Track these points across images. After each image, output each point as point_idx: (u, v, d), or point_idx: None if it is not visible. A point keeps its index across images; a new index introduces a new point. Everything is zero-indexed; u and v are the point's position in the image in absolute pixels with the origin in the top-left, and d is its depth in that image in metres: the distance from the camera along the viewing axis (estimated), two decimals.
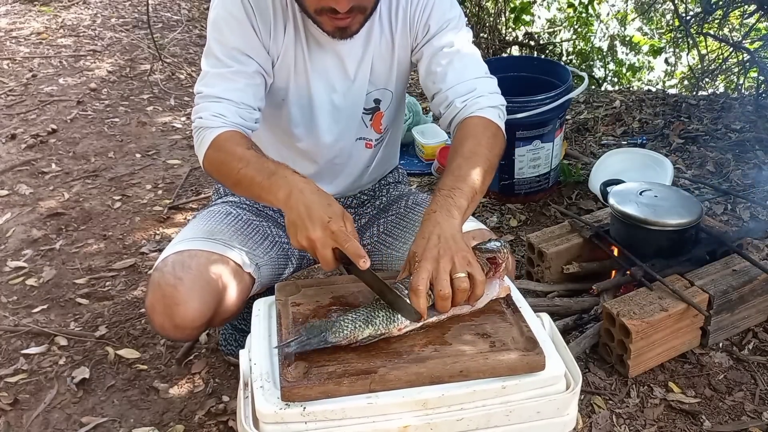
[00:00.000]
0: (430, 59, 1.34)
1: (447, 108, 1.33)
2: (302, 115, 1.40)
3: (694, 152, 2.70)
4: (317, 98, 1.38)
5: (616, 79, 5.81)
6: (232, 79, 1.26)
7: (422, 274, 1.02)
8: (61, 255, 2.22)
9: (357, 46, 1.34)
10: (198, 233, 1.34)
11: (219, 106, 1.25)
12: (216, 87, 1.26)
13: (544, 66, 2.60)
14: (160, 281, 1.22)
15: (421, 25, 1.34)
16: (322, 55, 1.33)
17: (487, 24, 5.10)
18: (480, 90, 1.32)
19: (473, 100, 1.31)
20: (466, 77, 1.32)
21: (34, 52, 4.22)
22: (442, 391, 0.94)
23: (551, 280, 1.91)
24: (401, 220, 1.51)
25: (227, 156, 1.22)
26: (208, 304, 1.23)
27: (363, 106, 1.43)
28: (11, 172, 2.77)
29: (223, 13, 1.26)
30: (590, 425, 1.49)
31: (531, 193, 2.42)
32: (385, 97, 1.45)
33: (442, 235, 1.07)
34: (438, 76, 1.33)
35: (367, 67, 1.37)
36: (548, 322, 1.10)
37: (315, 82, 1.36)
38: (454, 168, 1.20)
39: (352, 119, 1.44)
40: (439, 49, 1.33)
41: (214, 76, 1.27)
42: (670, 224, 1.73)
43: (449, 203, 1.13)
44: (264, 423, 0.92)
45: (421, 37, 1.35)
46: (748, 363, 1.64)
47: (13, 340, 1.83)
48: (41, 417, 1.58)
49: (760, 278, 1.68)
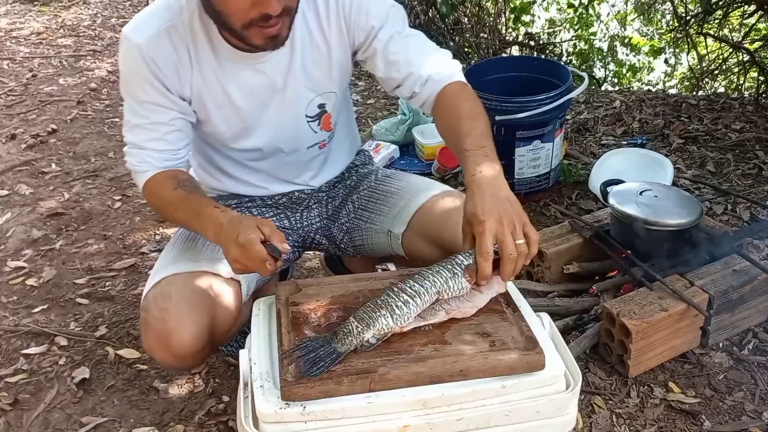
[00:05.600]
0: (384, 52, 1.35)
1: (423, 85, 1.34)
2: (245, 141, 1.41)
3: (694, 152, 2.70)
4: (253, 121, 1.38)
5: (616, 79, 5.81)
6: (151, 129, 1.29)
7: (489, 239, 1.03)
8: (61, 255, 2.22)
9: (281, 58, 1.32)
10: (167, 260, 1.34)
11: (143, 153, 1.31)
12: (138, 136, 1.31)
13: (544, 66, 2.59)
14: (148, 319, 1.23)
15: (361, 25, 1.34)
16: (244, 76, 1.32)
17: (487, 24, 5.10)
18: (443, 61, 1.37)
19: (443, 71, 1.35)
20: (426, 54, 1.36)
21: (34, 52, 4.22)
22: (441, 391, 0.94)
23: (551, 280, 1.91)
24: (374, 192, 1.54)
25: (158, 201, 1.31)
26: (200, 325, 1.23)
27: (304, 113, 1.42)
28: (11, 172, 2.77)
29: (128, 73, 1.29)
30: (590, 425, 1.49)
31: (531, 193, 2.42)
32: (330, 99, 1.45)
33: (496, 195, 1.09)
34: (401, 63, 1.34)
35: (297, 75, 1.36)
36: (548, 322, 1.10)
37: (244, 103, 1.35)
38: (469, 129, 1.22)
39: (295, 128, 1.43)
40: (389, 39, 1.34)
41: (135, 126, 1.31)
42: (670, 224, 1.73)
43: (487, 161, 1.15)
44: (264, 423, 0.92)
45: (364, 36, 1.35)
46: (748, 363, 1.64)
47: (13, 340, 1.83)
48: (41, 417, 1.58)
49: (760, 278, 1.68)
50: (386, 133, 2.89)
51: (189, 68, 1.28)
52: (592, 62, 5.76)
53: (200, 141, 1.47)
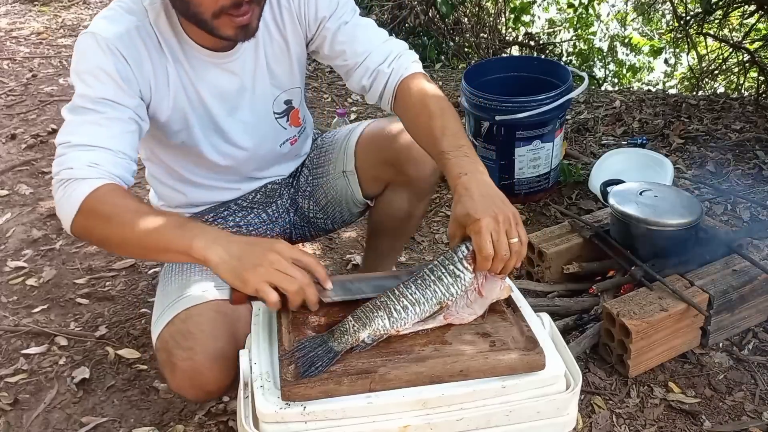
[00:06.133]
0: (331, 41, 1.34)
1: (373, 77, 1.32)
2: (214, 144, 1.37)
3: (694, 152, 2.70)
4: (223, 121, 1.35)
5: (616, 79, 5.81)
6: (106, 126, 1.13)
7: (487, 237, 1.00)
8: (61, 255, 2.22)
9: (247, 56, 1.32)
10: (171, 297, 1.26)
11: (92, 155, 1.09)
12: (86, 135, 1.11)
13: (544, 66, 2.60)
14: (174, 361, 1.15)
15: (311, 16, 1.33)
16: (214, 77, 1.29)
17: (487, 24, 5.10)
18: (395, 50, 1.33)
19: (398, 62, 1.31)
20: (375, 44, 1.33)
21: (34, 52, 4.22)
22: (441, 391, 0.94)
23: (551, 280, 1.91)
24: (320, 149, 1.59)
25: (114, 209, 1.06)
26: (227, 355, 1.16)
27: (273, 111, 1.42)
28: (11, 172, 2.77)
29: (87, 66, 1.16)
30: (590, 425, 1.49)
31: (531, 193, 2.42)
32: (295, 95, 1.45)
33: (487, 194, 1.06)
34: (348, 53, 1.33)
35: (263, 73, 1.35)
36: (548, 322, 1.10)
37: (215, 106, 1.32)
38: (442, 128, 1.18)
39: (266, 127, 1.43)
40: (337, 29, 1.33)
41: (83, 124, 1.12)
42: (670, 224, 1.73)
43: (468, 162, 1.11)
44: (264, 423, 0.91)
45: (314, 27, 1.35)
46: (748, 363, 1.64)
47: (13, 340, 1.83)
48: (41, 417, 1.58)
49: (760, 278, 1.68)
50: None
51: (161, 68, 1.23)
52: (592, 62, 5.76)
53: (167, 155, 1.41)
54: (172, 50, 1.24)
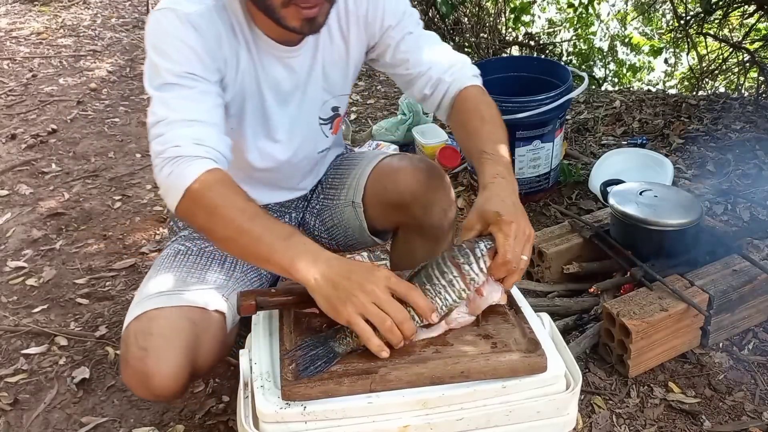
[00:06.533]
0: (395, 49, 1.34)
1: (435, 86, 1.33)
2: (257, 137, 1.34)
3: (694, 152, 2.70)
4: (273, 113, 1.32)
5: (616, 79, 5.81)
6: (199, 100, 1.11)
7: (512, 242, 1.00)
8: (61, 255, 2.22)
9: (306, 56, 1.31)
10: (151, 290, 1.24)
11: (194, 131, 1.07)
12: (183, 110, 1.08)
13: (544, 66, 2.59)
14: (128, 357, 1.14)
15: (377, 23, 1.33)
16: (273, 69, 1.28)
17: (487, 24, 5.10)
18: (458, 63, 1.35)
19: (459, 73, 1.33)
20: (439, 55, 1.34)
21: (34, 52, 4.22)
22: (442, 391, 0.94)
23: (551, 280, 1.91)
24: (337, 170, 1.55)
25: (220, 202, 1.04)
26: (180, 365, 1.14)
27: (319, 116, 1.41)
28: (11, 172, 2.77)
29: (170, 40, 1.12)
30: (590, 425, 1.49)
31: (531, 193, 2.42)
32: (342, 102, 1.44)
33: (516, 205, 1.07)
34: (411, 62, 1.33)
35: (317, 76, 1.34)
36: (548, 322, 1.10)
37: (269, 97, 1.31)
38: (489, 134, 1.20)
39: (309, 131, 1.40)
40: (401, 38, 1.34)
41: (176, 99, 1.09)
42: (670, 224, 1.73)
43: (506, 171, 1.13)
44: (264, 423, 0.91)
45: (379, 35, 1.35)
46: (748, 363, 1.64)
47: (13, 340, 1.83)
48: (41, 417, 1.58)
49: (760, 278, 1.68)
50: (386, 133, 2.89)
51: (235, 50, 1.22)
52: (592, 62, 5.76)
53: None
54: (245, 35, 1.23)
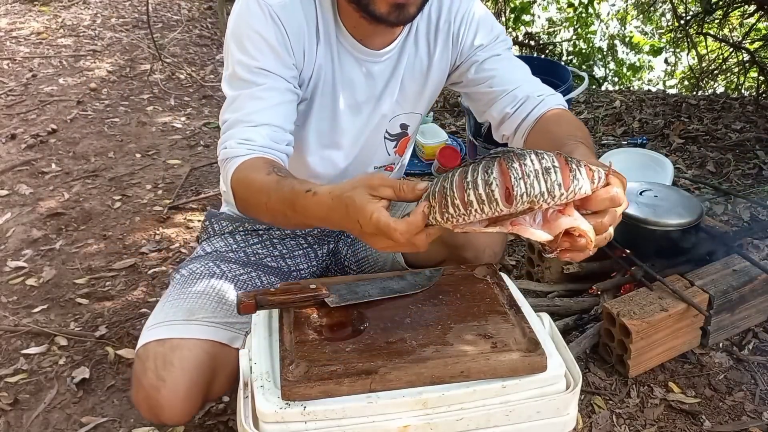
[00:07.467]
0: (479, 66, 1.29)
1: (519, 104, 1.25)
2: (321, 137, 1.31)
3: (694, 152, 2.70)
4: (340, 113, 1.28)
5: (617, 79, 5.82)
6: (263, 98, 1.13)
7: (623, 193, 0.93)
8: (61, 255, 2.22)
9: (388, 64, 1.27)
10: (178, 313, 1.21)
11: (247, 131, 1.11)
12: (245, 109, 1.13)
13: (544, 66, 2.60)
14: (143, 380, 1.13)
15: (467, 41, 1.28)
16: (351, 71, 1.24)
17: None
18: (547, 89, 1.29)
19: (548, 95, 1.26)
20: (527, 78, 1.29)
21: (34, 52, 4.22)
22: (441, 391, 0.94)
23: (551, 280, 1.91)
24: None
25: (246, 191, 1.08)
26: (194, 398, 1.15)
27: (386, 130, 1.35)
28: (11, 172, 2.77)
29: (248, 32, 1.14)
30: (590, 425, 1.49)
31: None
32: (413, 121, 1.38)
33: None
34: (496, 79, 1.27)
35: (394, 86, 1.29)
36: (548, 322, 1.10)
37: (341, 98, 1.26)
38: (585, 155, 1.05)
39: (372, 143, 1.35)
40: (488, 57, 1.28)
41: (243, 98, 1.14)
42: (670, 224, 1.73)
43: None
44: (264, 423, 0.91)
45: (467, 53, 1.29)
46: (748, 363, 1.64)
47: (13, 340, 1.83)
48: (41, 417, 1.58)
49: (760, 278, 1.68)
50: None
51: (314, 45, 1.19)
52: (593, 62, 5.76)
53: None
54: (327, 31, 1.20)
